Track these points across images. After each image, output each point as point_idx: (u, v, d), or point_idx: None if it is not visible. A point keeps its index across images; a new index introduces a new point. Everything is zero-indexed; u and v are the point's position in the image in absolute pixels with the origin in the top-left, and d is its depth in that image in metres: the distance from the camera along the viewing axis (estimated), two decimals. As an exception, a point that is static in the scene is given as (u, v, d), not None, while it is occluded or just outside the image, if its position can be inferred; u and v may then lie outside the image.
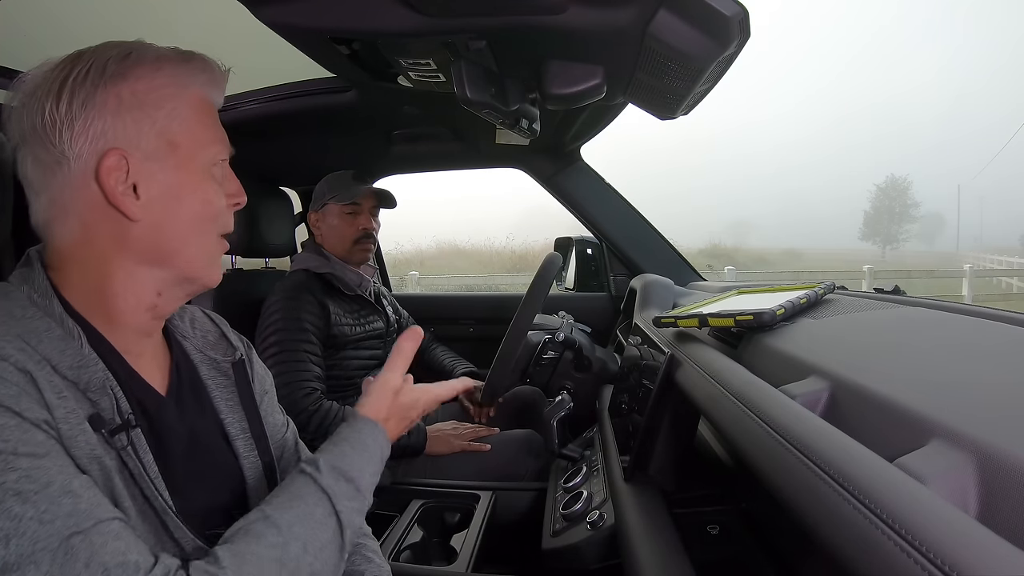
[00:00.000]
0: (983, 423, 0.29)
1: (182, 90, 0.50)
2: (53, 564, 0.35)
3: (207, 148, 0.52)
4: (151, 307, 0.51)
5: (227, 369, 0.61)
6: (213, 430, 0.57)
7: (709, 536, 0.64)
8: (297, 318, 1.20)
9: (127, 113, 0.47)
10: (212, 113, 0.54)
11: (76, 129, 0.45)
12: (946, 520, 0.24)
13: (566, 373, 1.15)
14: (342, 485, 0.49)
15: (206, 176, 0.51)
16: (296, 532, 0.44)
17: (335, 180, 1.38)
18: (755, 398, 0.44)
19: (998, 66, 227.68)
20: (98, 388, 0.44)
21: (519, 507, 1.04)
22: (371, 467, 0.53)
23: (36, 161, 0.47)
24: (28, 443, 0.38)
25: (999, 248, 35.37)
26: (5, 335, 0.41)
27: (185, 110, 0.50)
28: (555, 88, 0.68)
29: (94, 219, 0.47)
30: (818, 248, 53.97)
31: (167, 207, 0.49)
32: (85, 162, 0.46)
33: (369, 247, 1.38)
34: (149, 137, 0.48)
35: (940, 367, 0.41)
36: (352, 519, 0.49)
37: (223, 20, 0.88)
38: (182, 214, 0.50)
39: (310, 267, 1.31)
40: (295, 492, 0.48)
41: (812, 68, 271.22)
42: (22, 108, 0.47)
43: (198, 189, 0.51)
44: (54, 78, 0.47)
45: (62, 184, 0.46)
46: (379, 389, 0.60)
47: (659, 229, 1.56)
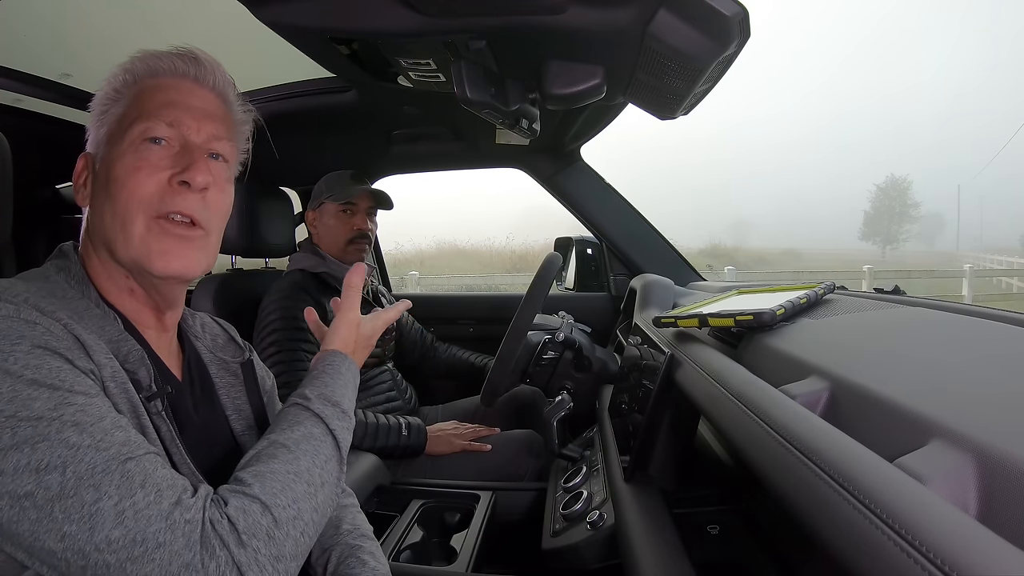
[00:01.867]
0: (983, 423, 0.29)
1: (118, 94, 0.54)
2: (111, 485, 0.39)
3: (132, 127, 0.51)
4: (129, 291, 0.54)
5: (236, 369, 0.65)
6: (221, 423, 0.61)
7: (709, 536, 0.64)
8: (294, 317, 1.20)
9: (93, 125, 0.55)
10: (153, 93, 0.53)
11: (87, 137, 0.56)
12: (946, 520, 0.24)
13: (566, 373, 1.15)
14: (330, 408, 0.54)
15: (126, 155, 0.51)
16: (304, 448, 0.50)
17: (332, 179, 1.38)
18: (755, 398, 0.44)
19: (997, 64, 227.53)
20: (136, 360, 0.49)
21: (519, 507, 1.04)
22: (349, 392, 0.59)
23: None
24: (82, 384, 0.43)
25: (999, 248, 35.38)
26: (56, 304, 0.46)
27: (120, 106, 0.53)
28: (555, 88, 0.68)
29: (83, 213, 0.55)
30: (818, 248, 53.95)
31: (101, 192, 0.52)
32: None
33: (363, 247, 1.38)
34: (99, 137, 0.54)
35: (940, 367, 0.41)
36: (344, 436, 0.54)
37: (223, 20, 0.88)
38: (107, 197, 0.51)
39: (306, 267, 1.32)
40: (293, 419, 0.52)
41: (810, 67, 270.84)
42: None
43: (119, 173, 0.51)
44: None
45: None
46: (344, 326, 0.66)
47: (659, 229, 1.56)
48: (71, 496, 0.38)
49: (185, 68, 0.55)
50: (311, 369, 0.60)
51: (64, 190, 1.61)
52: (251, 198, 1.35)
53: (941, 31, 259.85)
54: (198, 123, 0.54)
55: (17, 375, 0.40)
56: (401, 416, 1.22)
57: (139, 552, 0.39)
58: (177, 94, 0.54)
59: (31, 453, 0.39)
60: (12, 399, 0.39)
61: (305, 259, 1.34)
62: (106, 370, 0.45)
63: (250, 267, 1.55)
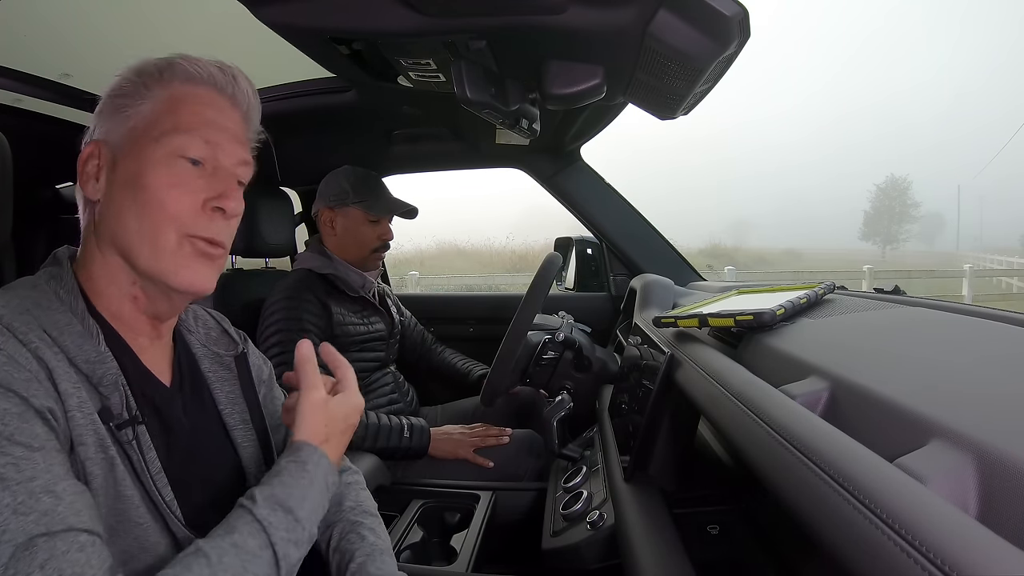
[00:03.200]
0: (983, 423, 0.29)
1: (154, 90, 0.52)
2: (12, 558, 0.35)
3: (165, 137, 0.50)
4: (132, 298, 0.52)
5: (230, 363, 0.64)
6: (213, 421, 0.59)
7: (709, 536, 0.64)
8: (298, 318, 1.20)
9: (109, 113, 0.52)
10: (190, 105, 0.52)
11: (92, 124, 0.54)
12: (946, 520, 0.24)
13: (566, 373, 1.15)
14: (279, 515, 0.47)
15: (162, 168, 0.50)
16: (226, 563, 0.43)
17: (361, 183, 1.33)
18: (755, 398, 0.44)
19: (997, 65, 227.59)
20: (110, 384, 0.46)
21: (519, 507, 1.04)
22: (313, 495, 0.50)
23: None
24: (26, 433, 0.39)
25: (999, 248, 35.37)
26: (30, 323, 0.44)
27: (154, 106, 0.52)
28: (555, 88, 0.68)
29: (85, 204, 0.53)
30: (818, 248, 53.96)
31: (121, 195, 0.50)
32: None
33: (383, 256, 1.37)
34: (118, 130, 0.52)
35: (940, 367, 0.41)
36: (288, 551, 0.47)
37: (223, 20, 0.88)
38: (132, 205, 0.50)
39: (312, 267, 1.30)
40: (230, 524, 0.46)
41: (811, 67, 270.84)
42: None
43: (150, 182, 0.50)
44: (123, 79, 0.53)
45: None
46: (308, 409, 0.54)
47: (659, 229, 1.56)
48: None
49: (224, 84, 0.55)
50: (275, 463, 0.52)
51: (64, 190, 1.61)
52: (251, 198, 1.33)
53: (942, 32, 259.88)
54: (231, 147, 0.54)
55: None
56: (404, 417, 1.21)
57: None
58: (213, 112, 0.53)
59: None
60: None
61: (312, 259, 1.32)
62: (71, 400, 0.43)
63: (250, 267, 1.55)
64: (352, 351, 1.28)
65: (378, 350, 1.35)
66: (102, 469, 0.44)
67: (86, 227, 0.53)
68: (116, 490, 0.45)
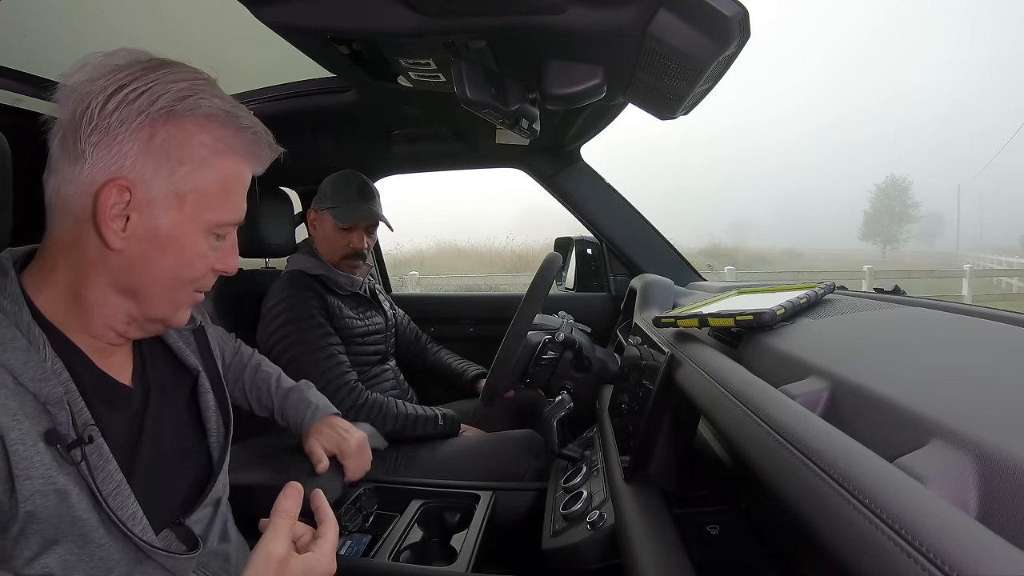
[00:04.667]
0: (983, 423, 0.29)
1: (214, 156, 0.50)
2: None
3: (213, 213, 0.51)
4: (121, 332, 0.53)
5: (188, 337, 0.66)
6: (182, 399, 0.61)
7: (709, 536, 0.64)
8: (306, 312, 1.22)
9: (152, 154, 0.47)
10: (240, 183, 0.54)
11: (105, 140, 0.46)
12: (946, 520, 0.24)
13: (566, 373, 1.15)
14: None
15: (200, 238, 0.51)
16: None
17: (338, 186, 1.34)
18: (755, 398, 0.44)
19: (997, 66, 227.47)
20: (56, 402, 0.44)
21: (519, 507, 1.04)
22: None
23: (63, 144, 0.47)
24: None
25: (999, 248, 35.36)
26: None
27: (208, 174, 0.50)
28: (555, 88, 0.68)
29: (83, 228, 0.47)
30: (818, 248, 53.95)
31: (147, 251, 0.49)
32: (95, 175, 0.46)
33: (357, 264, 1.35)
34: (161, 183, 0.48)
35: (940, 367, 0.41)
36: None
37: (223, 20, 0.88)
38: (160, 263, 0.50)
39: (304, 268, 1.31)
40: None
41: (812, 68, 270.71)
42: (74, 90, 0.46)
43: (186, 249, 0.51)
44: (113, 81, 0.46)
45: (72, 181, 0.46)
46: (259, 561, 0.47)
47: (659, 229, 1.56)
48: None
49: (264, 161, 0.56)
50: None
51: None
52: (251, 198, 1.34)
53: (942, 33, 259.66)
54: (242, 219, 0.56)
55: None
56: (436, 408, 1.28)
57: None
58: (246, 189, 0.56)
59: None
60: None
61: (304, 260, 1.33)
62: (12, 433, 0.42)
63: (250, 267, 1.55)
64: (352, 345, 1.29)
65: (378, 343, 1.37)
66: (52, 500, 0.43)
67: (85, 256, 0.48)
68: (71, 516, 0.44)
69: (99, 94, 0.45)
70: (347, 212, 1.31)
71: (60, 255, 0.49)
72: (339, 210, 1.31)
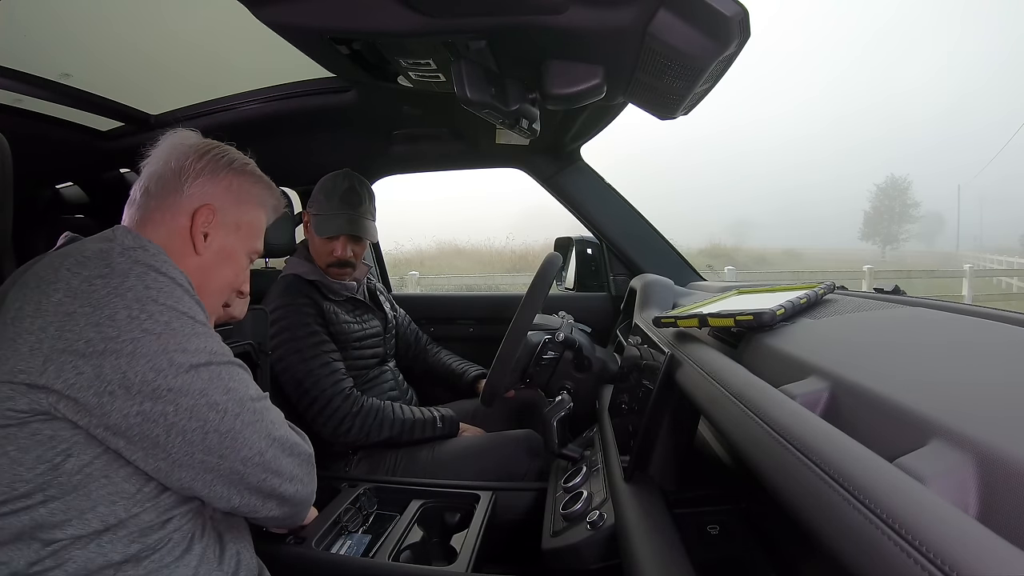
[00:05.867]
0: (983, 423, 0.29)
1: (260, 203, 0.74)
2: None
3: (253, 241, 0.74)
4: None
5: None
6: None
7: (709, 536, 0.64)
8: (305, 323, 1.21)
9: (229, 192, 0.70)
10: (265, 224, 0.76)
11: (198, 181, 0.67)
12: (946, 520, 0.24)
13: (566, 373, 1.15)
14: None
15: (243, 259, 0.73)
16: None
17: (323, 193, 1.31)
18: (755, 398, 0.44)
19: (998, 65, 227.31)
20: None
21: (519, 507, 1.04)
22: None
23: (162, 180, 0.67)
24: None
25: (999, 248, 35.35)
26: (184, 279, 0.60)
27: (254, 212, 0.73)
28: (555, 88, 0.68)
29: (175, 238, 0.66)
30: (818, 248, 53.89)
31: (216, 259, 0.69)
32: (190, 202, 0.67)
33: (345, 272, 1.32)
34: (230, 214, 0.70)
35: (940, 367, 0.41)
36: None
37: (223, 20, 0.88)
38: (221, 271, 0.70)
39: (300, 273, 1.30)
40: None
41: (812, 68, 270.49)
42: (173, 148, 0.69)
43: (237, 262, 0.72)
44: (202, 147, 0.70)
45: (171, 203, 0.66)
46: None
47: (659, 229, 1.56)
48: (235, 369, 0.59)
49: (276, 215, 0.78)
50: None
51: (65, 190, 1.61)
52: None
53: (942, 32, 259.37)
54: None
55: (191, 294, 0.58)
56: (435, 408, 1.28)
57: (268, 403, 0.62)
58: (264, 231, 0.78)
59: (206, 340, 0.57)
60: (191, 307, 0.57)
61: (299, 265, 1.32)
62: None
63: (250, 267, 1.55)
64: (350, 349, 1.29)
65: (376, 346, 1.36)
66: None
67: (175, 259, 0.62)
68: None
69: (192, 153, 0.68)
70: (326, 222, 1.28)
71: None
72: (319, 219, 1.29)
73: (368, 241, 1.34)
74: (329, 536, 0.89)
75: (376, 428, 1.19)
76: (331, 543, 0.88)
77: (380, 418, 1.20)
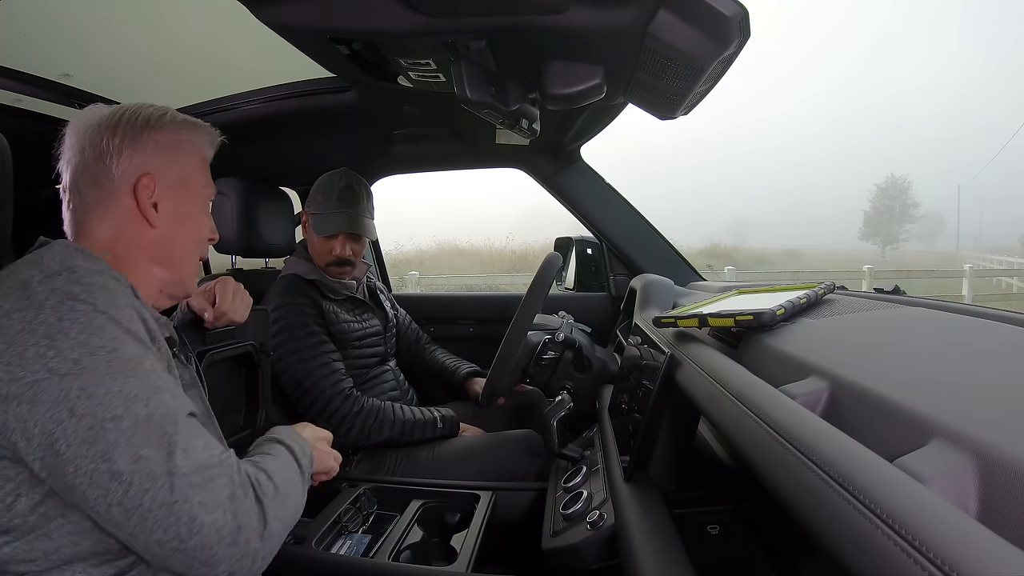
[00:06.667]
0: (983, 423, 0.29)
1: (194, 146, 0.69)
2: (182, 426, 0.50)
3: (204, 189, 0.70)
4: (155, 301, 0.67)
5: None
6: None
7: (709, 536, 0.64)
8: (304, 323, 1.21)
9: (160, 152, 0.65)
10: (207, 165, 0.72)
11: (122, 156, 0.62)
12: (946, 520, 0.24)
13: (566, 373, 1.15)
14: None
15: (202, 210, 0.70)
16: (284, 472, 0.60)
17: (320, 192, 1.31)
18: (755, 398, 0.44)
19: (998, 65, 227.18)
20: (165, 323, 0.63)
21: (519, 507, 1.04)
22: None
23: (86, 172, 0.62)
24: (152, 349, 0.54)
25: (999, 248, 35.33)
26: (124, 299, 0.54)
27: (194, 160, 0.69)
28: (555, 88, 0.68)
29: (125, 222, 0.63)
30: (818, 248, 53.86)
31: (174, 224, 0.66)
32: (126, 180, 0.62)
33: (344, 271, 1.32)
34: (171, 173, 0.66)
35: (940, 367, 0.41)
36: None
37: (223, 20, 0.88)
38: (184, 232, 0.67)
39: (299, 273, 1.30)
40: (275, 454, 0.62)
41: (812, 67, 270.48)
42: (83, 133, 0.62)
43: (195, 217, 0.69)
44: (111, 119, 0.63)
45: (107, 192, 0.62)
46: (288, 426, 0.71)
47: (659, 229, 1.56)
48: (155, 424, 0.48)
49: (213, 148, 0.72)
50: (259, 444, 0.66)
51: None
52: (251, 198, 1.35)
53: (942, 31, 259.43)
54: None
55: (118, 322, 0.51)
56: (435, 409, 1.27)
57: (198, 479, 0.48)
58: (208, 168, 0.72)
59: (123, 384, 0.48)
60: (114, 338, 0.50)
61: (299, 265, 1.32)
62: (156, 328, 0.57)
63: (250, 267, 1.55)
64: (350, 349, 1.28)
65: (376, 345, 1.36)
66: None
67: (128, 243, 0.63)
68: None
69: (105, 131, 0.62)
70: (324, 221, 1.28)
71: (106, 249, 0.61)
72: (317, 218, 1.29)
73: (367, 239, 1.35)
74: (329, 536, 0.89)
75: (376, 428, 1.19)
76: (331, 543, 0.89)
77: (380, 419, 1.20)
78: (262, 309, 0.88)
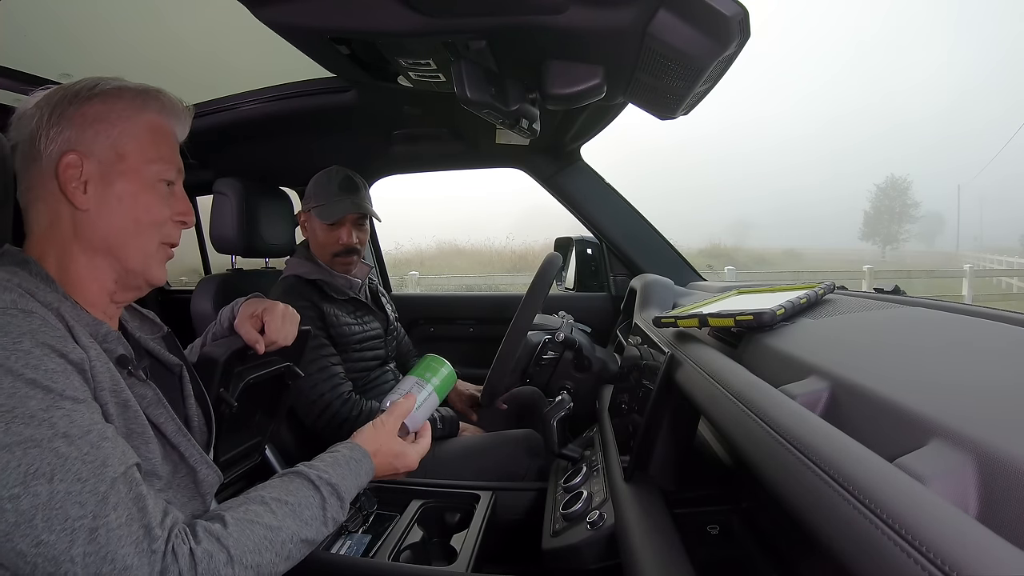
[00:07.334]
0: (983, 423, 0.29)
1: (136, 114, 0.60)
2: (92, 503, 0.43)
3: (152, 164, 0.60)
4: (111, 293, 0.60)
5: (159, 341, 0.69)
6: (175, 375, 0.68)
7: (709, 536, 0.64)
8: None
9: (88, 127, 0.57)
10: (166, 138, 0.63)
11: (50, 135, 0.56)
12: (946, 520, 0.24)
13: (566, 373, 1.15)
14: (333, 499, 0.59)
15: (149, 188, 0.60)
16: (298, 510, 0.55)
17: (319, 185, 1.32)
18: (755, 398, 0.44)
19: (997, 63, 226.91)
20: (114, 339, 0.56)
21: (519, 507, 1.04)
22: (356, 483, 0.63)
23: (23, 156, 0.58)
24: (72, 388, 0.46)
25: (999, 248, 35.32)
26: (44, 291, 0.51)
27: (136, 130, 0.60)
28: (555, 88, 0.68)
29: (55, 207, 0.57)
30: (818, 248, 53.85)
31: (110, 204, 0.58)
32: (51, 160, 0.56)
33: (351, 260, 1.33)
34: (103, 147, 0.58)
35: (940, 367, 0.41)
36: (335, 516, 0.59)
37: (223, 20, 0.88)
38: (122, 213, 0.59)
39: (300, 273, 1.29)
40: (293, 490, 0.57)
41: (811, 66, 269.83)
42: (24, 117, 0.58)
43: (140, 196, 0.60)
44: (48, 99, 0.58)
45: (35, 175, 0.57)
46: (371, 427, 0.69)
47: (659, 229, 1.56)
48: (56, 508, 0.42)
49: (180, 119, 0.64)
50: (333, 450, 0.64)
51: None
52: (251, 198, 1.35)
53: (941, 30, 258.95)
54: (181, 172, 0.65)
55: (17, 373, 0.43)
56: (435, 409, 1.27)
57: (106, 570, 0.42)
58: (174, 143, 0.64)
59: (22, 457, 0.42)
60: (12, 395, 0.43)
61: (300, 265, 1.32)
62: (91, 351, 0.50)
63: (250, 267, 1.55)
64: (351, 351, 1.28)
65: (376, 348, 1.36)
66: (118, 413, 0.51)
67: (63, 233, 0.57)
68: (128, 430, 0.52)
69: (40, 110, 0.57)
70: (330, 209, 1.29)
71: (46, 243, 0.57)
72: (322, 208, 1.29)
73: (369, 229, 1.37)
74: (329, 536, 0.89)
75: None
76: (331, 543, 0.89)
77: None
78: (307, 329, 0.83)
